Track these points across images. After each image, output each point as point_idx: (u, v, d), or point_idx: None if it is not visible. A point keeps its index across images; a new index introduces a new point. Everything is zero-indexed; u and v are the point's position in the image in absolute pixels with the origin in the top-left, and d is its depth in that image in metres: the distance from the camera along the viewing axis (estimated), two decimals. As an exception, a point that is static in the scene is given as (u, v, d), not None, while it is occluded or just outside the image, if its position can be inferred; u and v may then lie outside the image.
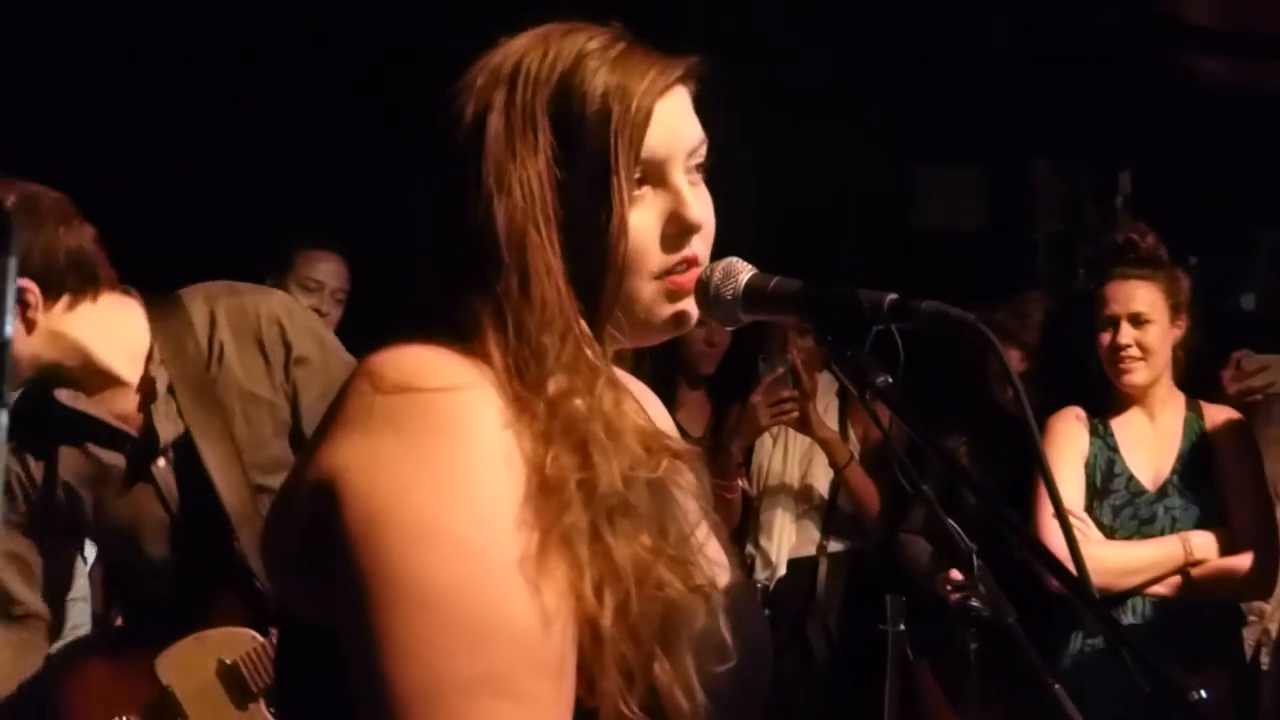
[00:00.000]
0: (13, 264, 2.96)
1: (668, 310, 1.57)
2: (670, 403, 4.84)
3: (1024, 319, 4.62)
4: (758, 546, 4.82)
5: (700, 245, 1.57)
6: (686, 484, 1.53)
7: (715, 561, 1.54)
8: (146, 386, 3.13)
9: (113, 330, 3.14)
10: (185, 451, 3.13)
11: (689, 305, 1.58)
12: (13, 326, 2.75)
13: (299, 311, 3.26)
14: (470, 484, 1.39)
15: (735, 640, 1.48)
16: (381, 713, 1.36)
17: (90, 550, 4.01)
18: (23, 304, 2.97)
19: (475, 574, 1.36)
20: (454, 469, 1.39)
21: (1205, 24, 7.59)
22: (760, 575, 4.77)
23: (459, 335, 1.47)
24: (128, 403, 3.15)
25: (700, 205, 1.56)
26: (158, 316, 3.16)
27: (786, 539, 4.86)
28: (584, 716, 1.40)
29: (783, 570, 4.83)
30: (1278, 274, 5.41)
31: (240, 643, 3.06)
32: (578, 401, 1.44)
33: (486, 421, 1.41)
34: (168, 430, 3.12)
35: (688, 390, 5.03)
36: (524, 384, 1.44)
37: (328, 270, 5.15)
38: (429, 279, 1.52)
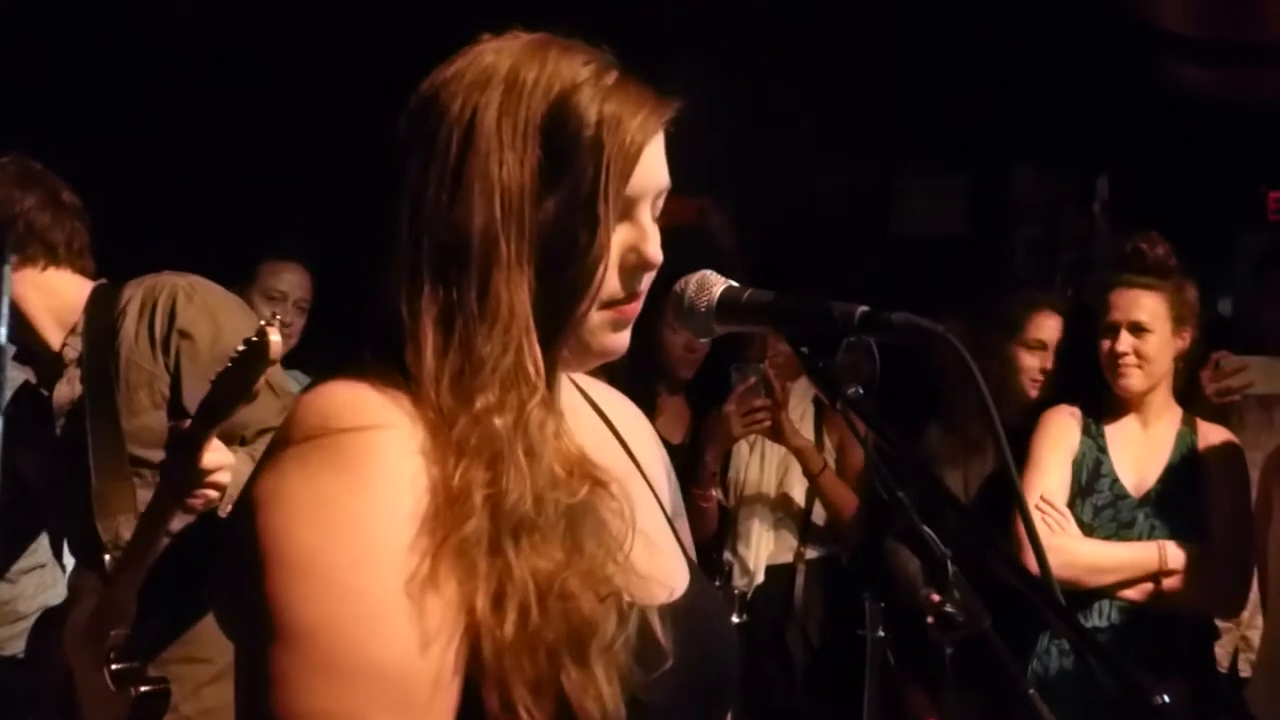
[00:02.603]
0: (8, 271, 3.06)
1: (609, 338, 1.59)
2: (649, 409, 4.86)
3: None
4: (735, 554, 4.83)
5: (647, 281, 1.59)
6: (613, 507, 1.54)
7: (652, 576, 1.55)
8: (61, 354, 3.26)
9: (49, 300, 3.27)
10: (77, 418, 3.22)
11: (626, 336, 1.60)
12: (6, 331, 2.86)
13: (206, 292, 3.29)
14: (355, 524, 1.41)
15: (678, 647, 1.50)
16: None
17: None
18: None
19: (343, 613, 1.38)
20: (341, 509, 1.41)
21: (1186, 32, 7.61)
22: (739, 582, 4.78)
23: (390, 348, 1.49)
24: (53, 370, 3.29)
25: (657, 244, 1.58)
26: (96, 297, 3.27)
27: (764, 546, 4.87)
28: None
29: (761, 577, 4.84)
30: (1255, 280, 5.42)
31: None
32: (500, 420, 1.46)
33: (386, 460, 1.43)
34: (64, 393, 3.24)
35: (667, 396, 5.03)
36: (453, 394, 1.46)
37: (290, 280, 5.19)
38: (386, 279, 1.52)
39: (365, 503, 1.41)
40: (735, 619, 4.41)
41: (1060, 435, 3.96)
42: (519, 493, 1.44)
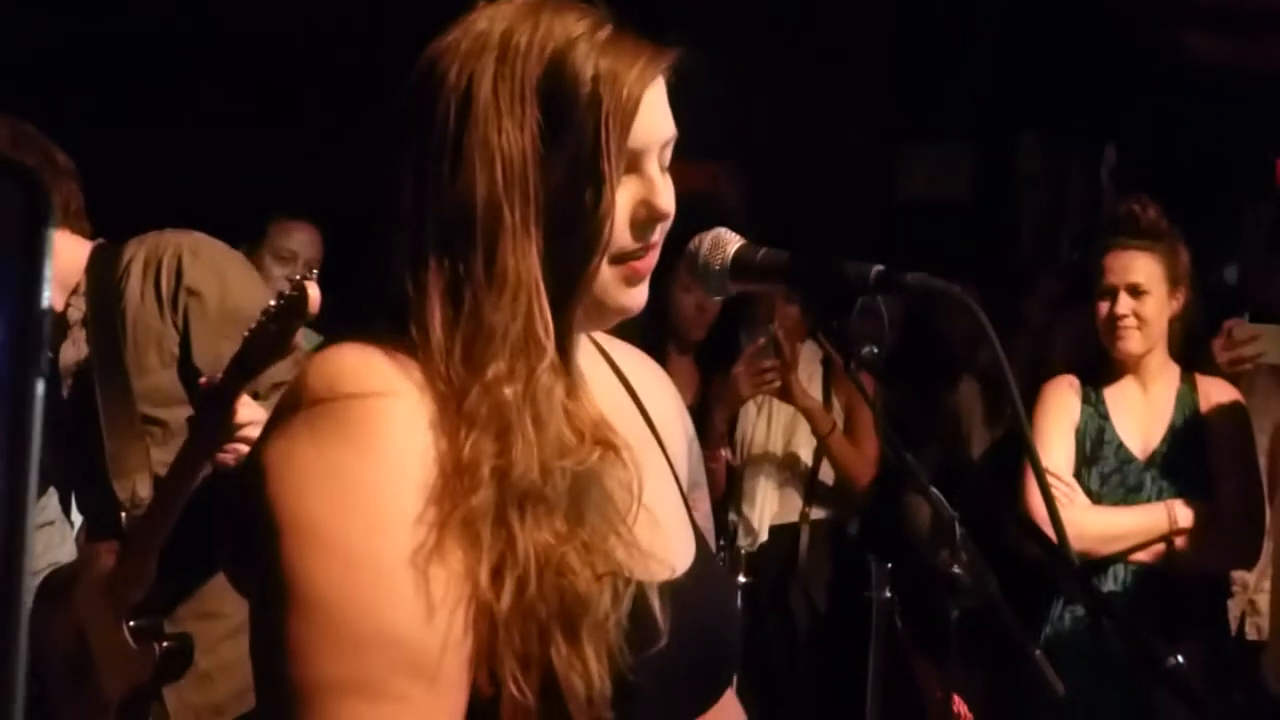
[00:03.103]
0: (50, 235, 3.04)
1: (624, 294, 1.57)
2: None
3: None
4: (740, 514, 4.83)
5: (661, 233, 1.58)
6: (620, 477, 1.53)
7: (654, 551, 1.53)
8: (64, 316, 3.19)
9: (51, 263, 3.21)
10: (83, 379, 3.18)
11: (643, 292, 1.58)
12: (50, 295, 2.83)
13: (210, 249, 3.23)
14: (365, 493, 1.40)
15: (674, 627, 1.49)
16: (265, 699, 1.43)
17: None
18: None
19: (356, 580, 1.38)
20: (352, 477, 1.41)
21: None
22: (742, 541, 4.79)
23: (399, 320, 1.48)
24: (56, 331, 3.20)
25: (669, 195, 1.57)
26: (96, 256, 3.21)
27: (769, 506, 4.87)
28: (485, 704, 1.42)
29: (764, 537, 4.84)
30: (1261, 247, 5.40)
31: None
32: (510, 389, 1.44)
33: (395, 429, 1.42)
34: (69, 355, 3.18)
35: (677, 356, 5.03)
36: (464, 364, 1.45)
37: (301, 240, 5.15)
38: (393, 248, 1.52)
39: (375, 472, 1.41)
40: (740, 579, 4.41)
41: (1061, 407, 3.95)
42: (526, 464, 1.43)
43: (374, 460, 1.41)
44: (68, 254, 3.20)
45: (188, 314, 3.12)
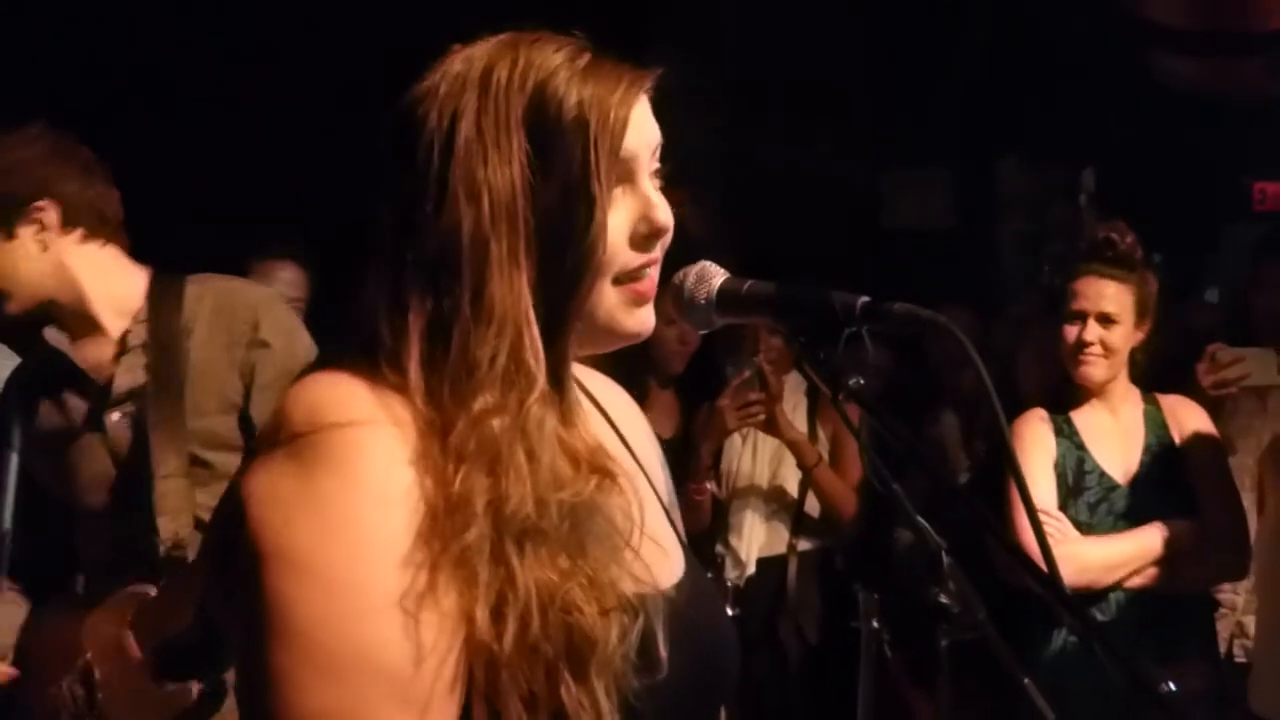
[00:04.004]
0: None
1: (630, 317, 1.57)
2: (640, 402, 4.86)
3: None
4: (728, 546, 4.83)
5: (661, 249, 1.58)
6: (619, 503, 1.53)
7: (645, 578, 1.52)
8: (123, 341, 3.18)
9: (111, 280, 3.22)
10: (137, 405, 3.16)
11: (650, 313, 1.58)
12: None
13: (281, 307, 3.29)
14: (348, 521, 1.39)
15: (674, 644, 1.48)
16: None
17: None
18: (38, 223, 3.10)
19: (340, 610, 1.37)
20: (336, 507, 1.40)
21: (1173, 23, 7.62)
22: (730, 574, 4.79)
23: (377, 354, 1.48)
24: (102, 353, 3.20)
25: (666, 209, 1.57)
26: (157, 285, 3.22)
27: (756, 539, 4.87)
28: None
29: (752, 569, 4.84)
30: (1242, 269, 5.42)
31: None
32: (498, 421, 1.44)
33: (376, 459, 1.42)
34: (124, 381, 3.16)
35: (658, 390, 5.04)
36: (450, 397, 1.45)
37: (286, 279, 5.14)
38: (374, 285, 1.51)
39: (358, 500, 1.40)
40: (728, 611, 4.41)
41: (1036, 442, 3.95)
42: (519, 498, 1.42)
43: (356, 488, 1.40)
44: (124, 278, 3.22)
45: (255, 367, 3.14)
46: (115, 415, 3.18)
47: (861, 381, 1.54)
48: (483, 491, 1.41)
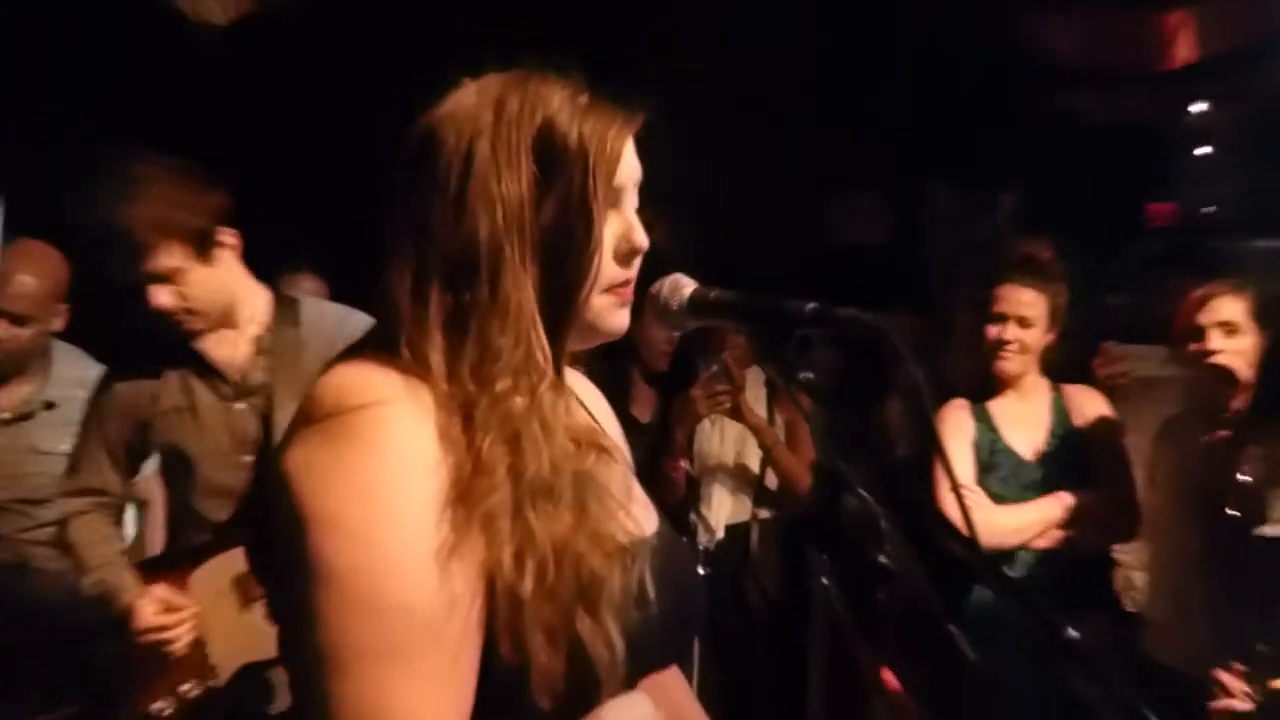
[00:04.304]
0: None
1: (613, 318, 1.61)
2: (627, 394, 4.88)
3: None
4: (700, 515, 4.84)
5: (637, 264, 1.61)
6: (612, 471, 1.58)
7: (635, 532, 1.57)
8: (258, 343, 3.26)
9: (252, 292, 3.31)
10: (263, 405, 3.21)
11: (627, 315, 1.62)
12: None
13: None
14: (376, 487, 1.41)
15: (657, 587, 1.52)
16: (303, 670, 1.41)
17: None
18: (225, 247, 3.20)
19: (373, 562, 1.39)
20: (363, 474, 1.41)
21: (1078, 64, 7.64)
22: (702, 539, 4.79)
23: (396, 343, 1.50)
24: (235, 351, 3.27)
25: (643, 232, 1.60)
26: (280, 301, 3.32)
27: (724, 508, 4.88)
28: (514, 672, 1.43)
29: (721, 534, 4.85)
30: (1141, 277, 5.45)
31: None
32: (518, 399, 1.47)
33: (398, 433, 1.43)
34: (256, 377, 3.23)
35: (643, 384, 5.05)
36: (474, 381, 1.47)
37: (308, 289, 5.12)
38: (392, 287, 1.53)
39: (383, 469, 1.42)
40: (700, 571, 4.42)
41: (958, 426, 3.98)
42: (537, 464, 1.45)
43: (381, 458, 1.42)
44: (256, 290, 3.33)
45: None
46: (241, 405, 3.20)
47: (810, 375, 1.56)
48: (504, 459, 1.45)
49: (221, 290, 3.21)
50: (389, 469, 1.42)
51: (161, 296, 3.12)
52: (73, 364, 4.08)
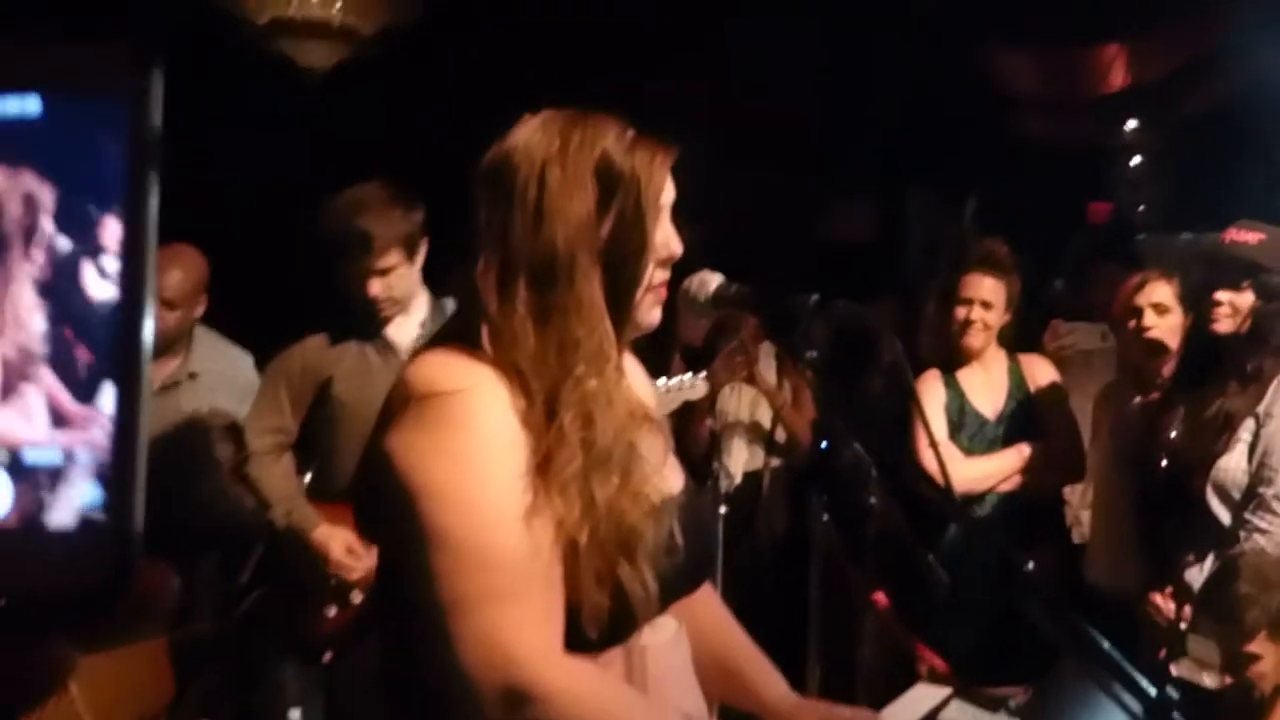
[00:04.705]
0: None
1: (652, 314, 1.61)
2: (668, 367, 4.91)
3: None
4: (721, 463, 4.84)
5: (669, 269, 1.62)
6: (652, 438, 1.58)
7: (667, 490, 1.58)
8: (422, 329, 3.29)
9: (422, 289, 3.36)
10: None
11: (659, 311, 1.62)
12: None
13: None
14: (474, 460, 1.42)
15: (684, 536, 1.54)
16: (428, 620, 1.41)
17: None
18: (420, 250, 3.28)
19: (479, 521, 1.41)
20: (462, 451, 1.43)
21: (1030, 93, 7.59)
22: (723, 484, 4.78)
23: (472, 334, 1.50)
24: (405, 334, 3.30)
25: (678, 241, 1.61)
26: (433, 299, 3.37)
27: (741, 458, 4.88)
28: (571, 612, 1.45)
29: (738, 480, 4.86)
30: (1078, 266, 5.43)
31: None
32: (592, 383, 1.47)
33: (487, 411, 1.44)
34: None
35: (679, 361, 5.08)
36: (558, 364, 1.47)
37: None
38: (479, 289, 1.52)
39: (475, 445, 1.43)
40: (721, 510, 4.43)
41: (931, 392, 3.97)
42: (605, 437, 1.46)
43: (474, 436, 1.43)
44: (421, 287, 3.36)
45: None
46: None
47: (814, 354, 1.57)
48: (579, 433, 1.45)
49: (413, 286, 3.29)
50: (482, 444, 1.43)
51: (376, 287, 3.23)
52: (210, 343, 4.13)
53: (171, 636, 3.63)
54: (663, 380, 4.20)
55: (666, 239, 1.58)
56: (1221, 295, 3.27)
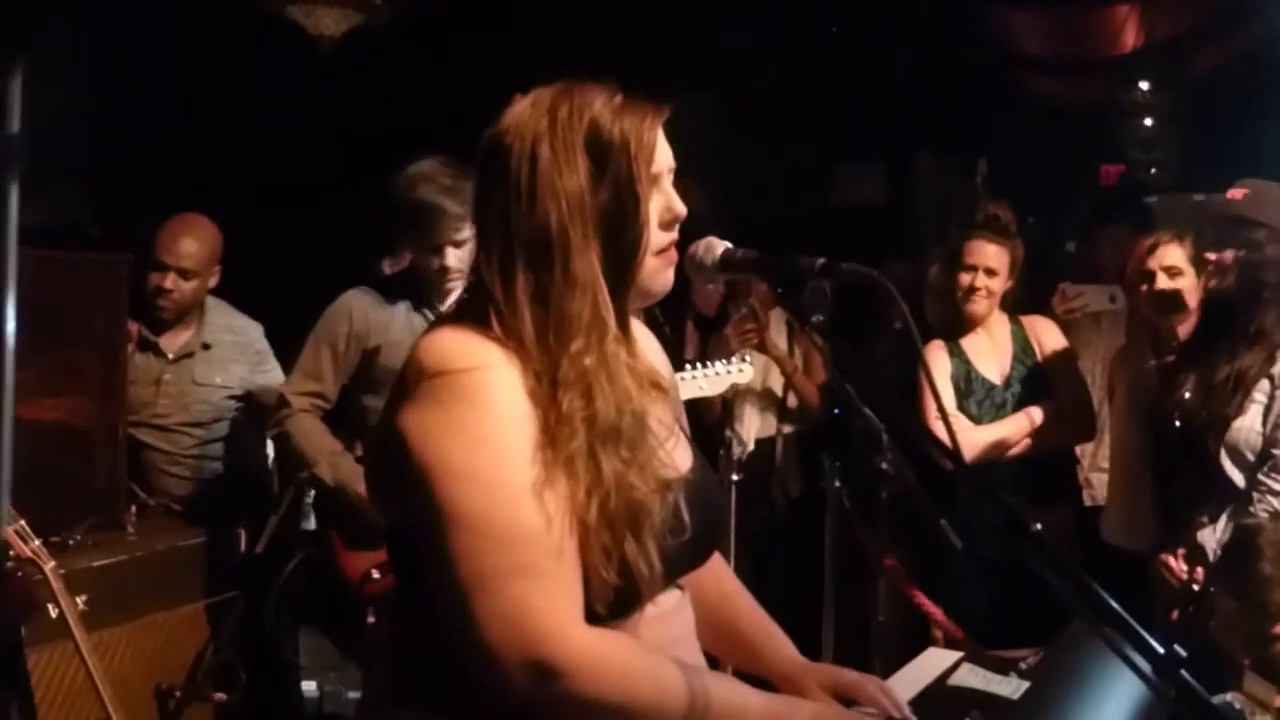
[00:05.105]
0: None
1: (663, 277, 1.59)
2: (681, 337, 4.90)
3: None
4: (734, 430, 4.84)
5: (677, 229, 1.60)
6: (662, 411, 1.58)
7: (676, 464, 1.57)
8: None
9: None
10: None
11: (671, 274, 1.61)
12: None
13: None
14: (489, 438, 1.42)
15: (691, 514, 1.52)
16: (452, 597, 1.41)
17: None
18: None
19: (497, 499, 1.40)
20: (476, 429, 1.42)
21: (1037, 52, 7.54)
22: (736, 451, 4.79)
23: (483, 313, 1.49)
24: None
25: (680, 202, 1.60)
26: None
27: (754, 424, 4.88)
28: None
29: (751, 446, 4.86)
30: (1088, 228, 5.39)
31: None
32: (590, 358, 1.47)
33: (499, 389, 1.44)
34: None
35: (692, 329, 5.09)
36: (555, 343, 1.47)
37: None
38: (482, 270, 1.53)
39: (491, 422, 1.42)
40: (734, 477, 4.43)
41: (937, 362, 3.96)
42: (605, 412, 1.46)
43: (487, 414, 1.42)
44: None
45: None
46: None
47: (821, 317, 1.55)
48: (580, 409, 1.44)
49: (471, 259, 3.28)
50: (496, 422, 1.42)
51: (451, 258, 3.27)
52: (222, 313, 4.17)
53: (192, 608, 3.66)
54: (711, 365, 4.22)
55: (668, 200, 1.57)
56: (1211, 254, 3.27)
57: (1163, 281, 3.60)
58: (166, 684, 3.54)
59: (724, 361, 4.31)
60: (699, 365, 4.25)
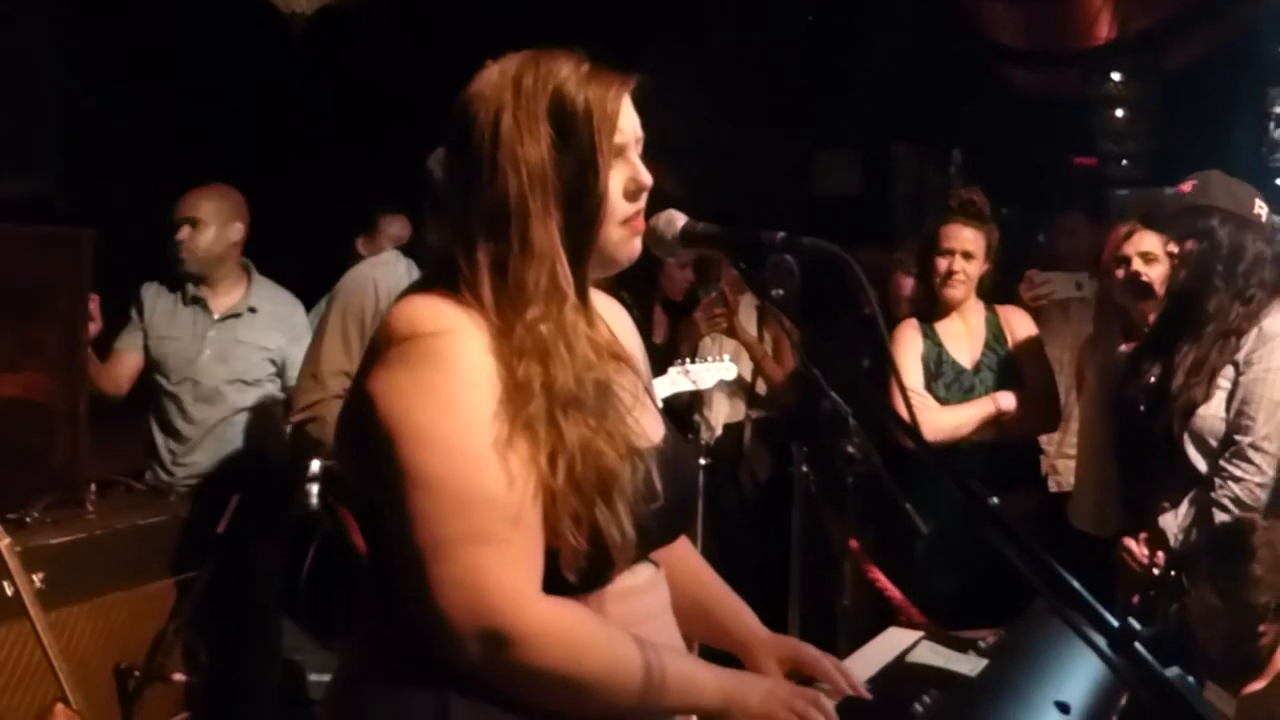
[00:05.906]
0: None
1: (629, 246, 1.58)
2: (649, 321, 4.89)
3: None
4: (702, 415, 4.85)
5: (644, 199, 1.59)
6: (627, 380, 1.57)
7: (646, 434, 1.56)
8: None
9: None
10: None
11: (639, 244, 1.60)
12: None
13: None
14: (454, 402, 1.41)
15: (664, 484, 1.51)
16: (408, 561, 1.40)
17: None
18: None
19: (458, 464, 1.39)
20: (442, 392, 1.41)
21: (1014, 44, 7.54)
22: (704, 436, 4.81)
23: (454, 281, 1.49)
24: None
25: (646, 173, 1.58)
26: None
27: (722, 410, 4.89)
28: (549, 556, 1.43)
29: (720, 431, 4.87)
30: (1058, 218, 5.41)
31: None
32: (545, 326, 1.46)
33: (467, 354, 1.43)
34: None
35: (661, 314, 5.08)
36: (511, 311, 1.46)
37: (398, 230, 5.16)
38: (446, 236, 1.54)
39: (456, 386, 1.42)
40: (702, 462, 4.42)
41: (908, 342, 3.96)
42: (564, 378, 1.45)
43: (454, 378, 1.42)
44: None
45: None
46: None
47: (781, 292, 1.53)
48: (537, 375, 1.43)
49: None
50: (462, 386, 1.41)
51: None
52: (266, 286, 4.28)
53: (155, 587, 3.61)
54: (698, 361, 4.22)
55: (634, 171, 1.56)
56: (1173, 247, 3.30)
57: (1138, 266, 3.63)
58: (126, 663, 3.50)
59: (713, 357, 4.33)
60: (688, 361, 4.27)
